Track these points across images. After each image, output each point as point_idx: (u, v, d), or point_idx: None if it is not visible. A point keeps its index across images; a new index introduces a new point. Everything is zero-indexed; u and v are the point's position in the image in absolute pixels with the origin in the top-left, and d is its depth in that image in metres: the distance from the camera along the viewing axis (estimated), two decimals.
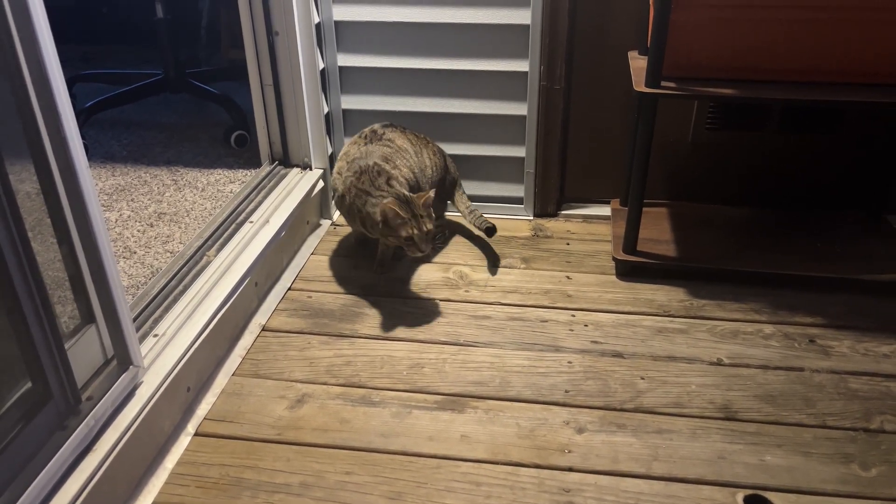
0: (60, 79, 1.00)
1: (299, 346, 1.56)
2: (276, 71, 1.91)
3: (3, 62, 0.94)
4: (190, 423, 1.34)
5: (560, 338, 1.57)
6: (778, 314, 1.63)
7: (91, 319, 1.15)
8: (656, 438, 1.30)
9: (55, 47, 0.99)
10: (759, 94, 1.54)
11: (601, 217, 2.08)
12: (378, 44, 1.96)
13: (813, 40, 1.51)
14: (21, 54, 0.96)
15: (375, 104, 2.03)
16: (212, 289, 1.52)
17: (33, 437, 1.01)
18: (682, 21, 1.50)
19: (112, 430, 1.14)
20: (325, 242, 1.98)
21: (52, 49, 0.98)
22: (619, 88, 1.90)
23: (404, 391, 1.42)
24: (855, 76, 1.53)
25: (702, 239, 1.86)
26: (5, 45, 0.94)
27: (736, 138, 1.95)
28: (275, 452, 1.28)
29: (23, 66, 0.96)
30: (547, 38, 1.85)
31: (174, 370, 1.30)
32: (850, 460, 1.25)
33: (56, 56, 0.99)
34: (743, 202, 2.02)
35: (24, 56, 0.96)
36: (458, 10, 1.88)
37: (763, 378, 1.44)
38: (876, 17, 1.47)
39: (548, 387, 1.43)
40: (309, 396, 1.41)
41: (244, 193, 1.90)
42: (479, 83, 1.97)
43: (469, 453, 1.27)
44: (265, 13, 1.84)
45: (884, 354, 1.50)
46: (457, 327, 1.61)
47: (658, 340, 1.56)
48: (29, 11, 0.95)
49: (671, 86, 1.56)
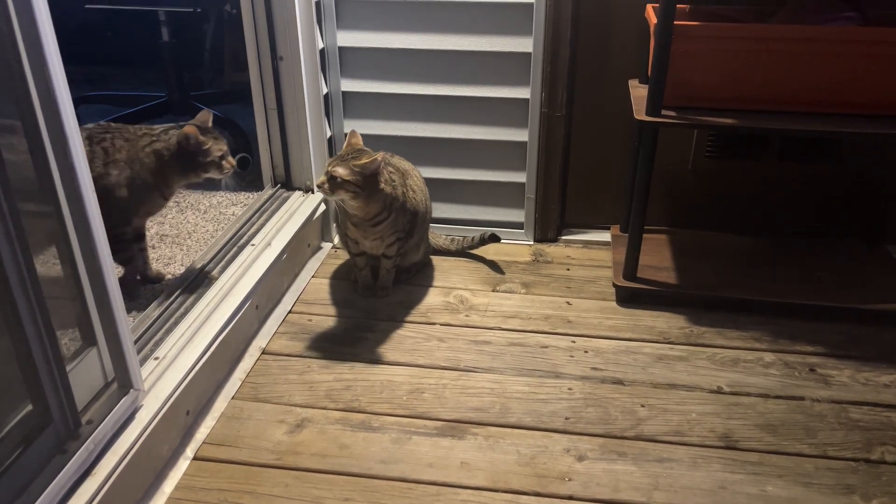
0: (68, 102, 1.01)
1: (299, 369, 1.56)
2: (280, 95, 1.93)
3: (11, 85, 0.95)
4: (189, 447, 1.34)
5: (560, 364, 1.57)
6: (778, 342, 1.63)
7: (92, 342, 1.15)
8: (657, 467, 1.29)
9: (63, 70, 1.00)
10: (758, 124, 1.55)
11: (601, 243, 2.08)
12: (381, 70, 1.98)
13: (809, 72, 1.53)
14: (30, 78, 0.97)
15: (378, 129, 2.05)
16: (213, 311, 1.52)
17: (33, 461, 1.01)
18: (682, 52, 1.52)
19: (111, 454, 1.13)
20: (326, 265, 1.98)
21: (61, 73, 0.99)
22: (620, 116, 1.92)
23: (404, 416, 1.42)
24: (853, 107, 1.55)
25: (702, 266, 1.87)
26: (14, 68, 0.95)
27: (735, 167, 1.97)
28: (273, 478, 1.27)
29: (31, 89, 0.97)
30: (548, 65, 1.87)
31: (174, 394, 1.30)
32: (852, 492, 1.24)
33: (64, 79, 1.00)
34: (743, 230, 2.03)
35: (32, 80, 0.97)
36: (461, 37, 1.91)
37: (764, 407, 1.44)
38: (870, 51, 1.49)
39: (548, 413, 1.42)
40: (308, 421, 1.40)
41: (246, 216, 1.90)
42: (481, 109, 1.98)
43: (469, 480, 1.27)
44: (270, 38, 1.86)
45: (884, 384, 1.50)
46: (457, 352, 1.61)
47: (658, 368, 1.56)
48: (39, 34, 0.96)
49: (671, 115, 1.57)
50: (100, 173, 1.54)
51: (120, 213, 1.61)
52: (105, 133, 1.58)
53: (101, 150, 1.56)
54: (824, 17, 1.60)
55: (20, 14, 0.94)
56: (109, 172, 1.55)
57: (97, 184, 1.51)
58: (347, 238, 1.77)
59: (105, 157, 1.55)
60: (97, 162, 1.55)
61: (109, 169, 1.55)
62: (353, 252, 1.80)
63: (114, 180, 1.55)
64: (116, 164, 1.56)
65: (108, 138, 1.58)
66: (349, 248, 1.82)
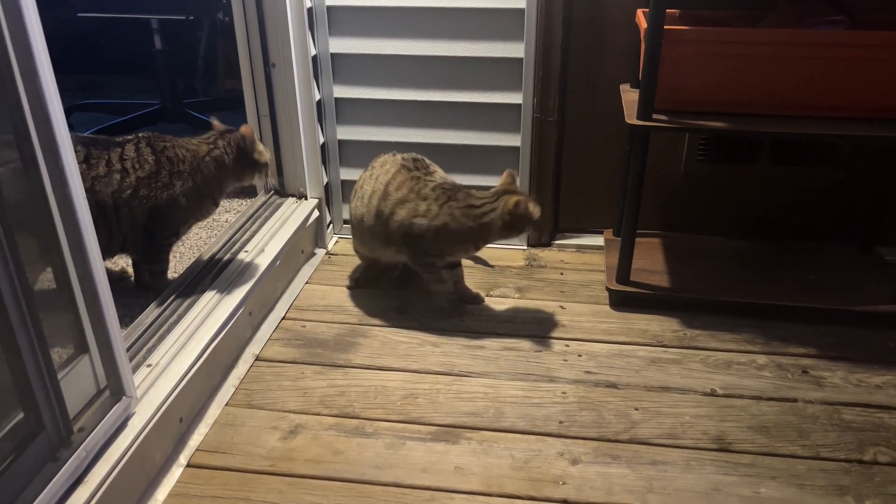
0: (60, 110, 1.01)
1: (293, 375, 1.56)
2: (273, 102, 1.93)
3: (2, 93, 0.95)
4: (182, 454, 1.33)
5: (554, 368, 1.57)
6: (771, 345, 1.64)
7: (84, 349, 1.15)
8: (651, 470, 1.30)
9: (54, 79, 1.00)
10: (749, 128, 1.56)
11: (594, 247, 2.09)
12: (374, 76, 1.99)
13: (799, 76, 1.54)
14: (21, 86, 0.97)
15: (371, 135, 2.05)
16: (206, 318, 1.52)
17: (25, 469, 1.01)
18: (672, 56, 1.52)
19: (103, 462, 1.13)
20: (320, 272, 1.98)
21: (52, 81, 0.99)
22: (612, 120, 1.93)
23: (398, 422, 1.42)
24: (843, 111, 1.56)
25: (694, 269, 1.88)
26: (5, 77, 0.95)
27: (727, 170, 1.98)
28: (267, 484, 1.27)
29: (22, 97, 0.97)
30: (540, 71, 1.88)
31: (167, 401, 1.29)
32: (845, 493, 1.24)
33: (55, 88, 1.00)
34: (735, 233, 2.04)
35: (23, 88, 0.97)
36: (453, 43, 1.91)
37: (757, 409, 1.44)
38: (859, 54, 1.50)
39: (542, 417, 1.42)
40: (302, 427, 1.40)
41: (239, 223, 1.91)
42: (474, 115, 1.99)
43: (463, 485, 1.26)
44: (262, 45, 1.87)
45: (876, 385, 1.51)
46: (451, 357, 1.61)
47: (652, 371, 1.56)
48: (29, 42, 0.96)
49: (663, 118, 1.58)
50: (165, 184, 1.56)
51: (176, 222, 1.63)
52: (164, 142, 1.60)
53: (167, 159, 1.57)
54: (813, 21, 1.62)
55: (10, 22, 0.94)
56: (174, 183, 1.56)
57: (163, 193, 1.54)
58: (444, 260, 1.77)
59: (171, 168, 1.57)
60: (163, 172, 1.56)
61: (174, 179, 1.56)
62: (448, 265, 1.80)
63: (178, 191, 1.57)
64: (181, 175, 1.58)
65: (170, 147, 1.60)
66: (439, 270, 1.79)
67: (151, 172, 1.55)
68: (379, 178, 1.72)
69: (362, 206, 1.74)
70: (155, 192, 1.55)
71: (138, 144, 1.57)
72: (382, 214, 1.69)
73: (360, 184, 1.78)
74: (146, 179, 1.55)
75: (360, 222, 1.76)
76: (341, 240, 2.16)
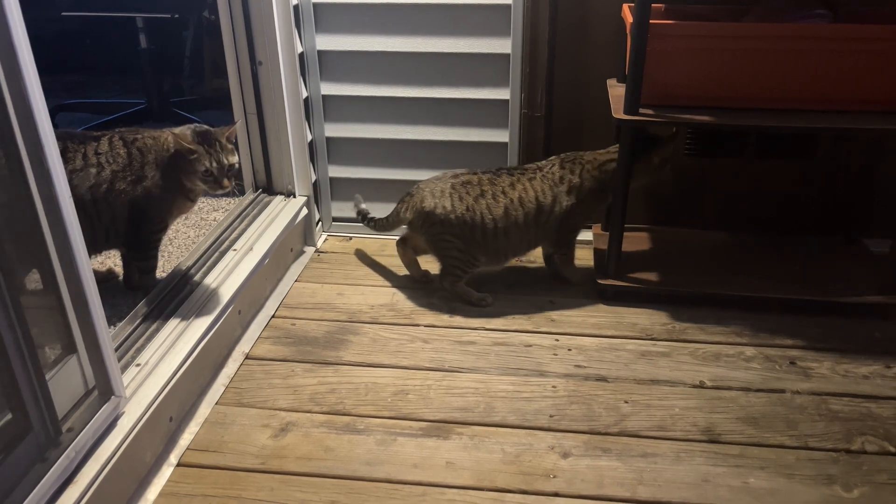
0: (44, 110, 1.01)
1: (283, 374, 1.55)
2: (260, 100, 1.93)
3: None
4: (172, 453, 1.33)
5: (544, 362, 1.58)
6: (759, 337, 1.65)
7: (72, 349, 1.14)
8: (641, 462, 1.30)
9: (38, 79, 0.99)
10: (734, 121, 1.57)
11: (583, 242, 2.09)
12: (361, 73, 1.99)
13: (783, 69, 1.55)
14: (4, 86, 0.96)
15: (358, 132, 2.05)
16: (195, 317, 1.51)
17: (13, 470, 1.00)
18: (658, 50, 1.53)
19: (93, 462, 1.13)
20: (309, 269, 1.98)
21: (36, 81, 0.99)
22: (599, 115, 1.93)
23: (389, 418, 1.42)
24: (828, 104, 1.57)
25: (683, 263, 1.88)
26: None
27: (714, 164, 1.99)
28: (258, 482, 1.27)
29: (6, 98, 0.97)
30: (527, 66, 1.88)
31: (156, 400, 1.29)
32: (833, 482, 1.26)
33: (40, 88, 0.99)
34: (722, 227, 2.05)
35: (7, 88, 0.96)
36: (440, 39, 1.91)
37: (745, 400, 1.45)
38: (842, 47, 1.52)
39: (532, 412, 1.43)
40: (293, 425, 1.40)
41: (228, 221, 1.90)
42: (461, 111, 1.99)
43: (454, 480, 1.27)
44: (249, 43, 1.86)
45: (863, 375, 1.52)
46: (441, 353, 1.61)
47: (641, 364, 1.57)
48: (13, 42, 0.95)
49: (649, 112, 1.59)
50: (138, 175, 1.55)
51: (158, 213, 1.63)
52: (134, 135, 1.59)
53: (137, 150, 1.57)
54: (797, 14, 1.63)
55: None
56: (146, 174, 1.56)
57: (138, 186, 1.53)
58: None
59: (142, 158, 1.56)
60: (135, 164, 1.56)
61: (146, 170, 1.56)
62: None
63: (150, 182, 1.56)
64: (151, 165, 1.57)
65: (140, 138, 1.59)
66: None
67: (125, 165, 1.56)
68: (506, 192, 1.74)
69: (504, 220, 1.73)
70: (130, 185, 1.56)
71: (112, 139, 1.58)
72: (543, 211, 1.74)
73: (480, 210, 1.73)
74: (121, 172, 1.55)
75: (503, 234, 1.74)
76: (330, 237, 2.16)
